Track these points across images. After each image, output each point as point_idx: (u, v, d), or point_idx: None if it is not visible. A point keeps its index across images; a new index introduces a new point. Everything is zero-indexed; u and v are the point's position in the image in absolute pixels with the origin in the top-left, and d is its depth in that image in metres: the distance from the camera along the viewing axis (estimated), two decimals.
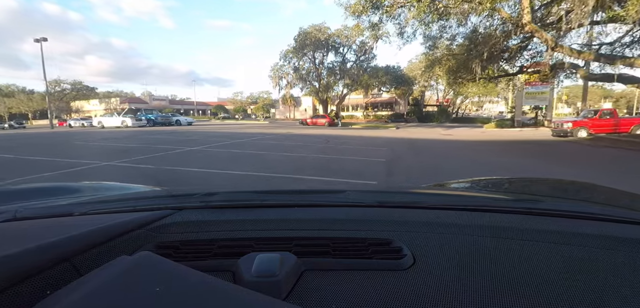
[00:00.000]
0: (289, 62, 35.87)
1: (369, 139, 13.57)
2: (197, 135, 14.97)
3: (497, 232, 0.55)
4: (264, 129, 22.20)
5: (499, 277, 0.43)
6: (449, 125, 31.54)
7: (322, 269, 0.47)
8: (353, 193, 0.85)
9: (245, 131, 18.72)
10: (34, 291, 0.36)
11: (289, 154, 8.83)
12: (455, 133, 18.13)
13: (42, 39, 33.41)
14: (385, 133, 18.82)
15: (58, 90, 55.68)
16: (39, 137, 15.36)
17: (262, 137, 14.24)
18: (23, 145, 11.57)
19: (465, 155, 8.78)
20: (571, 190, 1.11)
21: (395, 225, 0.58)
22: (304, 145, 10.96)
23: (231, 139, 13.18)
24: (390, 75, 32.09)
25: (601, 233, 0.54)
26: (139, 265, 0.37)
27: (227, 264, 0.48)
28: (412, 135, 15.86)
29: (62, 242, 0.44)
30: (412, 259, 0.48)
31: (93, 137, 14.46)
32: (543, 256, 0.48)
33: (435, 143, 12.10)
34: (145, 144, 11.15)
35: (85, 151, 9.82)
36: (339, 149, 9.78)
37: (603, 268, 0.45)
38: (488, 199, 0.94)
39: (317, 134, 17.15)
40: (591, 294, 0.39)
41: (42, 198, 0.98)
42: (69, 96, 56.48)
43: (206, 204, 0.73)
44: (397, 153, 8.66)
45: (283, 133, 17.08)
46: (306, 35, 32.16)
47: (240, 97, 75.09)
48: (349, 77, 33.56)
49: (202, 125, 30.61)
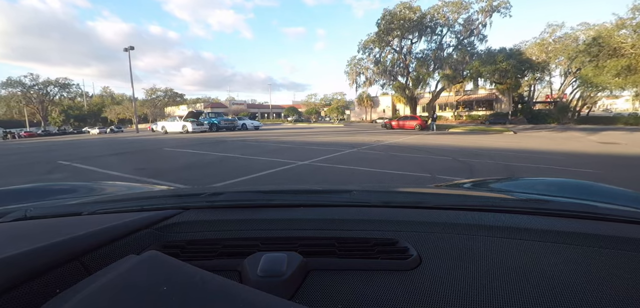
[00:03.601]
0: (369, 54, 29.99)
1: (511, 153, 8.42)
2: (255, 146, 10.32)
3: (504, 232, 0.54)
4: (342, 134, 16.86)
5: (506, 278, 0.42)
6: (586, 128, 22.60)
7: (328, 269, 0.47)
8: (358, 193, 0.82)
9: (319, 139, 13.50)
10: (44, 289, 0.37)
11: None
12: (623, 140, 12.27)
13: (129, 48, 34.92)
14: (511, 141, 12.01)
15: (153, 97, 60.93)
16: (89, 143, 13.14)
17: (347, 150, 8.80)
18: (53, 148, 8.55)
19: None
20: (576, 190, 1.10)
21: (401, 225, 0.58)
22: (429, 164, 6.27)
23: (293, 152, 8.24)
24: (515, 59, 23.06)
25: (609, 234, 0.53)
26: (147, 264, 0.37)
27: (233, 264, 0.49)
28: (563, 146, 10.20)
29: (71, 241, 0.45)
30: (418, 259, 0.47)
31: (125, 145, 11.34)
32: (550, 256, 0.47)
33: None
34: (166, 161, 6.84)
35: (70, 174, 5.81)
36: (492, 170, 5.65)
37: (612, 269, 0.44)
38: (494, 199, 0.91)
39: (420, 143, 11.05)
40: (597, 294, 0.39)
41: (52, 197, 1.03)
42: (162, 102, 61.33)
43: (212, 204, 0.72)
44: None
45: (372, 141, 11.44)
46: (392, 17, 25.80)
47: (313, 99, 72.92)
48: (449, 66, 25.74)
49: (271, 129, 26.98)
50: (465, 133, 18.97)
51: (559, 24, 34.74)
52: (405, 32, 26.51)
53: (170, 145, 11.38)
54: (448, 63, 25.78)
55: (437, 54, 27.35)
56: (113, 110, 64.70)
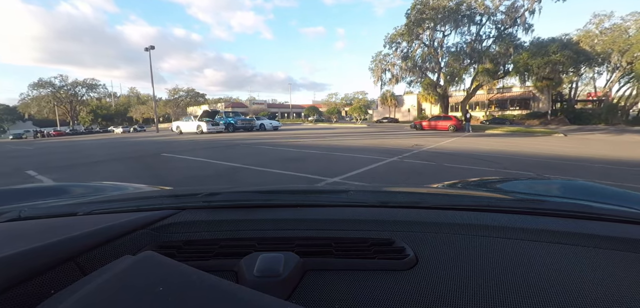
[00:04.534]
0: (396, 48, 27.68)
1: (599, 165, 6.12)
2: (272, 152, 8.62)
3: (501, 232, 0.54)
4: (370, 136, 14.88)
5: (502, 278, 0.42)
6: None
7: (324, 269, 0.47)
8: (355, 193, 0.82)
9: (346, 142, 11.62)
10: (39, 290, 0.37)
11: None
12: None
13: (150, 48, 34.67)
14: (570, 147, 10.00)
15: (175, 97, 61.46)
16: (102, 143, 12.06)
17: (386, 158, 6.85)
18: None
19: None
20: (574, 190, 1.10)
21: (398, 225, 0.58)
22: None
23: (318, 162, 6.41)
24: (571, 50, 19.89)
25: (604, 233, 0.53)
26: (143, 264, 0.37)
27: (229, 264, 0.48)
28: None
29: (67, 242, 0.45)
30: (415, 259, 0.47)
31: (125, 148, 10.04)
32: (547, 256, 0.47)
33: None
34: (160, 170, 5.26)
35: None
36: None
37: (607, 268, 0.44)
38: (491, 199, 0.90)
39: (467, 148, 8.94)
40: (595, 294, 0.39)
41: (46, 198, 1.00)
42: (184, 102, 61.76)
43: (209, 204, 0.71)
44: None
45: (410, 146, 9.42)
46: (424, 5, 23.39)
47: (334, 98, 71.29)
48: (489, 59, 22.95)
49: (291, 129, 25.35)
50: (506, 135, 16.71)
51: (607, 13, 30.89)
52: (438, 22, 23.99)
53: (174, 149, 9.91)
54: (488, 56, 22.94)
55: (473, 46, 24.60)
56: (138, 110, 66.09)
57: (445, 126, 21.15)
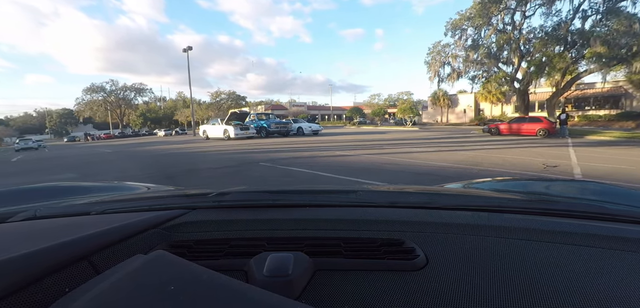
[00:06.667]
0: (460, 36, 22.82)
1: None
2: (306, 177, 5.15)
3: (512, 233, 0.53)
4: (437, 144, 10.80)
5: (513, 279, 0.42)
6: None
7: (334, 269, 0.47)
8: (364, 193, 0.81)
9: (414, 158, 7.79)
10: (54, 288, 0.37)
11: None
12: None
13: (188, 48, 33.78)
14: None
15: (217, 100, 61.68)
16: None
17: None
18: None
19: None
20: (586, 191, 1.08)
21: (408, 226, 0.57)
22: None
23: None
24: None
25: (617, 234, 0.53)
26: (154, 263, 0.38)
27: (239, 263, 0.49)
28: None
29: (80, 241, 0.45)
30: (425, 260, 0.47)
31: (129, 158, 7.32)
32: (559, 258, 0.47)
33: None
34: None
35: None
36: None
37: (622, 270, 0.44)
38: (502, 200, 0.88)
39: (603, 169, 4.53)
40: (607, 294, 0.39)
41: (61, 197, 1.03)
42: (226, 105, 61.75)
43: (219, 204, 0.72)
44: None
45: (516, 161, 5.34)
46: None
47: (376, 100, 66.67)
48: (600, 41, 17.22)
49: (333, 133, 21.81)
50: (616, 141, 12.51)
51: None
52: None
53: (178, 164, 6.86)
54: (599, 37, 17.21)
55: (570, 26, 18.95)
56: (183, 113, 67.76)
57: (532, 130, 16.27)
